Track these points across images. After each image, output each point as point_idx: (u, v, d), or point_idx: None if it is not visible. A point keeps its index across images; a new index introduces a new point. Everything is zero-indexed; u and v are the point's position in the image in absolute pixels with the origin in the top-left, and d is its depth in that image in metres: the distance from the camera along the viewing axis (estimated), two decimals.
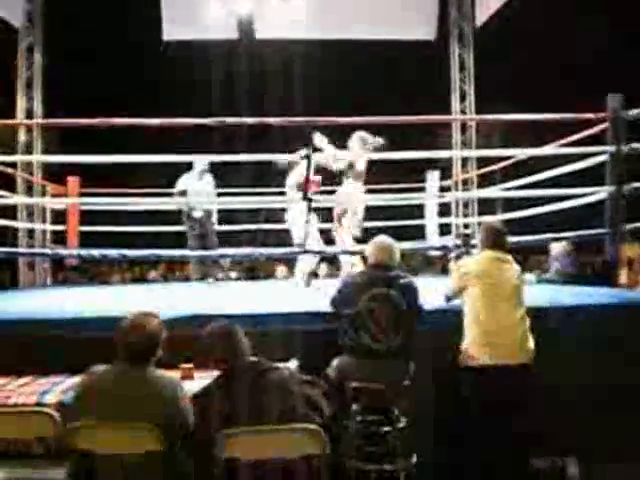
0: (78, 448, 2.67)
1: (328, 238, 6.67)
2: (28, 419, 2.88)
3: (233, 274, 12.45)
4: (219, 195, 8.08)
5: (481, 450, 3.72)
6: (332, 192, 6.69)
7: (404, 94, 13.35)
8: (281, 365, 3.04)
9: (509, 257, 4.04)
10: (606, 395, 4.15)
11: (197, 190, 7.50)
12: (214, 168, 7.67)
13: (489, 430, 3.71)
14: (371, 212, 8.15)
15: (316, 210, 6.68)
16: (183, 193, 7.50)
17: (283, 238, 7.26)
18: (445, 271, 8.85)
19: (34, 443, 3.01)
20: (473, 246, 4.49)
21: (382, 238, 4.00)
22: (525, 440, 3.80)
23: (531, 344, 3.85)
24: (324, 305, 4.00)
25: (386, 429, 3.69)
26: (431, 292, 4.28)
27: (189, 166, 7.44)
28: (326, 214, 6.66)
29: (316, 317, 4.09)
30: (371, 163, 6.19)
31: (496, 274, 3.90)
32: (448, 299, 4.12)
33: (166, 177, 7.75)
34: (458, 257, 4.74)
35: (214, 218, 7.84)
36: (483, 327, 3.80)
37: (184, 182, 7.55)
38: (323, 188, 6.72)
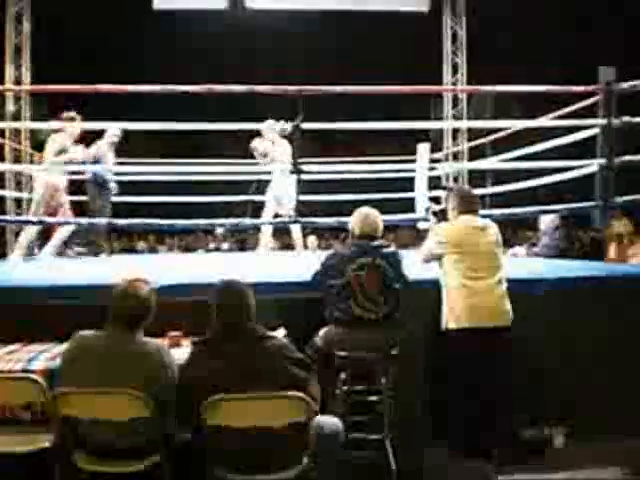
0: (64, 414, 2.67)
1: None
2: (15, 385, 2.88)
3: (225, 245, 12.50)
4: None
5: (465, 417, 3.76)
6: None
7: (396, 67, 13.22)
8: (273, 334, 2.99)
9: (486, 221, 4.09)
10: (590, 365, 4.21)
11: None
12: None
13: (473, 395, 3.75)
14: (361, 184, 8.13)
15: None
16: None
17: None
18: None
19: (21, 409, 3.01)
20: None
21: (365, 209, 4.00)
22: (509, 403, 3.87)
23: (509, 307, 3.90)
24: (306, 275, 4.00)
25: (373, 398, 3.71)
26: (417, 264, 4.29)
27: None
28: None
29: (299, 286, 4.08)
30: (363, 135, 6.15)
31: (473, 240, 3.93)
32: (426, 261, 4.15)
33: (158, 144, 7.62)
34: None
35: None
36: (462, 292, 3.84)
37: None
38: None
